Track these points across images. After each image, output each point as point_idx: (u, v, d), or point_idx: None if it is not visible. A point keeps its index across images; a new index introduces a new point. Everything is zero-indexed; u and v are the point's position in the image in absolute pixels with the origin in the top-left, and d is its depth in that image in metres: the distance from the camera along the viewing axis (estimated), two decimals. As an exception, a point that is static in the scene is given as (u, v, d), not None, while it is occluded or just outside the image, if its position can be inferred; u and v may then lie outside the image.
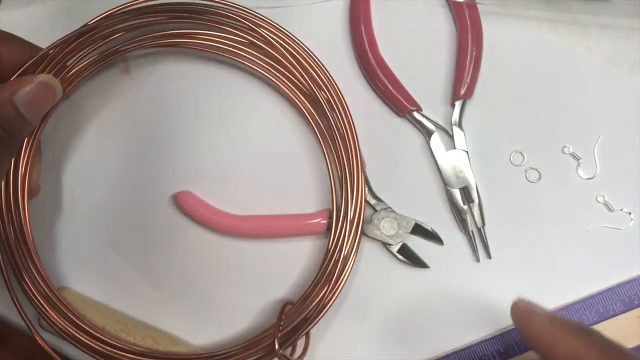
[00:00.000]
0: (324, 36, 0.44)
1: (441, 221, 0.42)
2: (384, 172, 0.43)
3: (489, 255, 0.41)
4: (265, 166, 0.44)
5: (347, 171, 0.40)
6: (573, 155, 0.42)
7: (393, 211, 0.42)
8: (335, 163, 0.41)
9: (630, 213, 0.41)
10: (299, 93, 0.42)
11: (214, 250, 0.43)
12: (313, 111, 0.41)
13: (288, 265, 0.42)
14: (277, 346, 0.37)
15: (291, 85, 0.42)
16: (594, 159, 0.42)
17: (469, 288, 0.41)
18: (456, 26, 0.44)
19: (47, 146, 0.44)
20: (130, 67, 0.45)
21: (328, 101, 0.41)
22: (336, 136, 0.40)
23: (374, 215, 0.42)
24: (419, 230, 0.42)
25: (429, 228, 0.42)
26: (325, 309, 0.39)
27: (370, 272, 0.42)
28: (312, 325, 0.39)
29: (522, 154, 0.43)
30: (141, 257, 0.43)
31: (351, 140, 0.40)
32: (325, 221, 0.41)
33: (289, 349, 0.39)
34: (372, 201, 0.42)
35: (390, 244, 0.41)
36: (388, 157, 0.43)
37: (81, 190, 0.44)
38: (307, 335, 0.39)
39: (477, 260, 0.41)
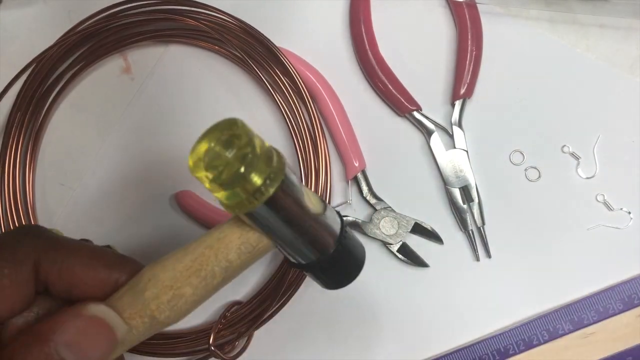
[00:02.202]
0: (324, 36, 0.44)
1: (441, 220, 0.42)
2: (384, 172, 0.43)
3: (488, 255, 0.41)
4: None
5: (312, 170, 0.41)
6: (573, 155, 0.42)
7: (393, 210, 0.42)
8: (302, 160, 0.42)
9: (629, 212, 0.41)
10: (283, 92, 0.43)
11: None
12: (288, 111, 0.42)
13: (288, 264, 0.43)
14: (211, 340, 0.39)
15: (274, 86, 0.42)
16: (593, 158, 0.42)
17: (469, 287, 0.41)
18: (456, 26, 0.44)
19: (48, 146, 0.44)
20: (131, 67, 0.45)
21: (297, 95, 0.42)
22: (305, 135, 0.41)
23: (374, 215, 0.42)
24: (418, 229, 0.42)
25: (428, 227, 0.42)
26: (270, 316, 0.40)
27: (370, 271, 0.42)
28: (252, 328, 0.40)
29: (521, 153, 0.43)
30: (141, 255, 0.43)
31: (319, 136, 0.41)
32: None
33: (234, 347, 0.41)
34: (372, 200, 0.42)
35: (390, 243, 0.41)
36: (388, 157, 0.43)
37: (81, 190, 0.44)
38: (249, 336, 0.41)
39: (477, 259, 0.42)
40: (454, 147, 0.42)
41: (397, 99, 0.42)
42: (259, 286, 0.42)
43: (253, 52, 0.42)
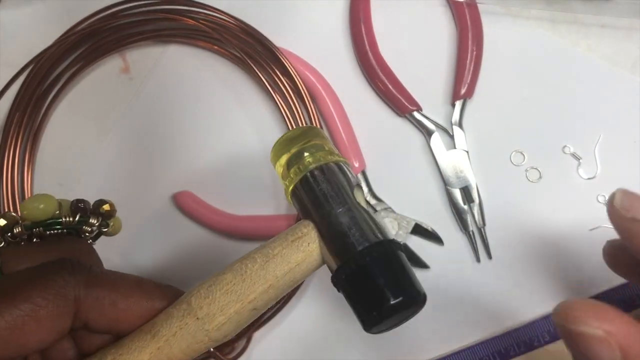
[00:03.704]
0: (324, 36, 0.44)
1: (441, 221, 0.42)
2: (384, 172, 0.43)
3: (489, 256, 0.41)
4: (266, 167, 0.44)
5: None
6: (574, 155, 0.42)
7: (393, 211, 0.42)
8: None
9: (631, 213, 0.41)
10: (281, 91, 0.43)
11: (213, 249, 0.43)
12: (287, 111, 0.42)
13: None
14: None
15: (273, 86, 0.42)
16: (594, 158, 0.42)
17: (469, 288, 0.41)
18: (456, 26, 0.44)
19: (47, 146, 0.44)
20: (130, 67, 0.45)
21: (296, 92, 0.42)
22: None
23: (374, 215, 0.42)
24: (419, 230, 0.42)
25: (429, 228, 0.42)
26: (269, 317, 0.40)
27: (370, 272, 0.42)
28: (252, 329, 0.40)
29: (522, 154, 0.42)
30: (140, 257, 0.43)
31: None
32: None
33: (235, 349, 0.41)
34: (372, 201, 0.42)
35: (390, 244, 0.41)
36: (388, 157, 0.43)
37: (81, 191, 0.44)
38: (249, 338, 0.41)
39: (478, 260, 0.41)
40: (455, 148, 0.42)
41: (397, 99, 0.42)
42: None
43: (252, 52, 0.42)
